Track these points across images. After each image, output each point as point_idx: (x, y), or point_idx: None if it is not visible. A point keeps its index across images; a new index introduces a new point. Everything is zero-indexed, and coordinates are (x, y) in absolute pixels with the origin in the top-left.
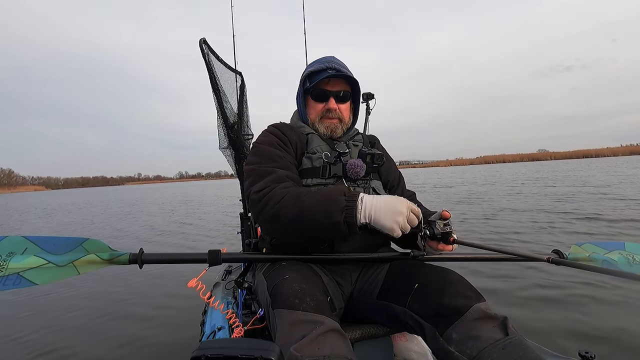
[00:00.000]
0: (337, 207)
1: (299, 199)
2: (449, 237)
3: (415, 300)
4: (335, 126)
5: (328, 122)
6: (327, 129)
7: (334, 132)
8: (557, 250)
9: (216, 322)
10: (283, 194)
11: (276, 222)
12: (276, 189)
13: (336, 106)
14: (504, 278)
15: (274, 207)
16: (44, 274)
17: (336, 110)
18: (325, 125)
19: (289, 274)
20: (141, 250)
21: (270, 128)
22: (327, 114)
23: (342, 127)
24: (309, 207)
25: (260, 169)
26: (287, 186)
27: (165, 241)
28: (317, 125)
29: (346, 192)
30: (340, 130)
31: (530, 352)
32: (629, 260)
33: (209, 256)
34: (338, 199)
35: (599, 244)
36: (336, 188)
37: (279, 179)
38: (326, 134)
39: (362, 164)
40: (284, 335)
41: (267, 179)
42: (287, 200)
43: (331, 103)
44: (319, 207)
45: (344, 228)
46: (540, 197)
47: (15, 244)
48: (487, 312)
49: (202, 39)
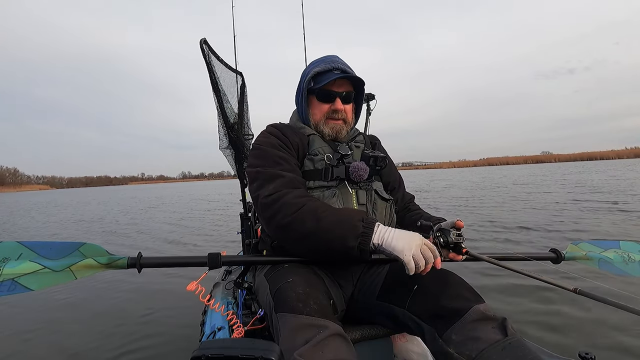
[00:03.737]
0: (354, 232)
1: (316, 216)
2: (461, 247)
3: (415, 302)
4: (341, 127)
5: (333, 123)
6: (332, 130)
7: (339, 134)
8: (555, 249)
9: (216, 322)
10: (299, 204)
11: (288, 233)
12: (289, 197)
13: (342, 107)
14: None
15: (288, 217)
16: (40, 279)
17: (342, 111)
18: (330, 126)
19: (292, 277)
20: (140, 254)
21: (270, 128)
22: (333, 114)
23: (347, 128)
24: (326, 226)
25: (267, 172)
26: (301, 195)
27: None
28: (321, 126)
29: (364, 218)
30: (345, 132)
31: (529, 352)
32: (625, 258)
33: (208, 259)
34: (356, 225)
35: (595, 242)
36: (355, 212)
37: (290, 183)
38: (331, 135)
39: (365, 167)
40: (287, 339)
41: (277, 182)
42: (304, 214)
43: (337, 104)
44: (336, 228)
45: (356, 253)
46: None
47: (10, 249)
48: (486, 313)
49: (202, 39)
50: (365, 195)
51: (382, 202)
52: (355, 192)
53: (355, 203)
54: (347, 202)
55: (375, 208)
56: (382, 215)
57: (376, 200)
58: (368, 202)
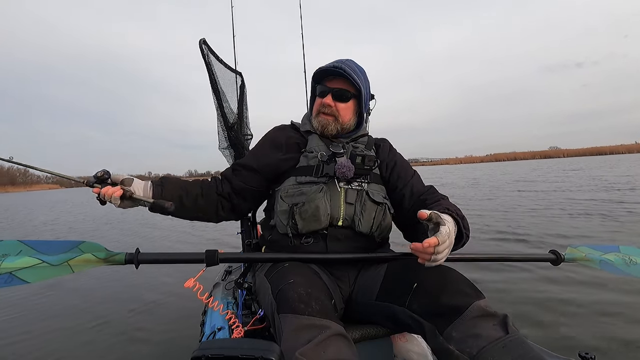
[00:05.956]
0: None
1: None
2: None
3: (415, 300)
4: (328, 122)
5: (322, 117)
6: (319, 123)
7: (325, 128)
8: (555, 251)
9: (216, 322)
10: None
11: None
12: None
13: (332, 103)
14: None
15: None
16: (37, 272)
17: (332, 107)
18: (319, 120)
19: (294, 277)
20: (137, 250)
21: (274, 128)
22: (323, 109)
23: (336, 126)
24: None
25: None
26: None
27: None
28: (313, 120)
29: None
30: (333, 128)
31: (530, 350)
32: (626, 260)
33: (206, 256)
34: None
35: (594, 246)
36: None
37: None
38: (318, 129)
39: (350, 165)
40: (289, 339)
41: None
42: None
43: (327, 99)
44: None
45: None
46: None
47: (10, 247)
48: (487, 309)
49: (202, 39)
50: (355, 195)
51: (372, 205)
52: (344, 191)
53: (342, 201)
54: (335, 199)
55: (364, 209)
56: (370, 217)
57: (366, 201)
58: (357, 202)
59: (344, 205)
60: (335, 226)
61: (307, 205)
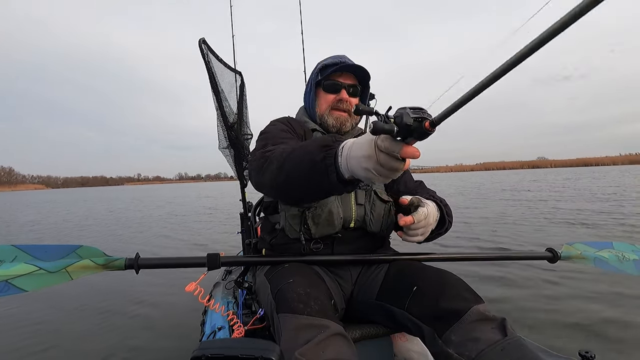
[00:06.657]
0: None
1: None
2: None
3: (414, 303)
4: (345, 119)
5: (338, 113)
6: (336, 121)
7: (343, 125)
8: (551, 249)
9: (216, 322)
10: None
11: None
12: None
13: (348, 98)
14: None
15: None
16: (34, 280)
17: (347, 101)
18: (335, 116)
19: (293, 277)
20: (137, 255)
21: (276, 120)
22: (339, 104)
23: (351, 122)
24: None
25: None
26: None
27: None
28: (326, 117)
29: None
30: (349, 125)
31: (529, 352)
32: (619, 257)
33: (207, 260)
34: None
35: (589, 243)
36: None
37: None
38: (335, 126)
39: None
40: (288, 339)
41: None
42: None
43: (343, 94)
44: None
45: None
46: None
47: (4, 252)
48: (485, 313)
49: (201, 38)
50: (364, 195)
51: (380, 203)
52: (354, 192)
53: (353, 202)
54: (346, 201)
55: (374, 209)
56: (379, 216)
57: (375, 201)
58: (367, 202)
59: (355, 206)
60: (347, 228)
61: (320, 209)
